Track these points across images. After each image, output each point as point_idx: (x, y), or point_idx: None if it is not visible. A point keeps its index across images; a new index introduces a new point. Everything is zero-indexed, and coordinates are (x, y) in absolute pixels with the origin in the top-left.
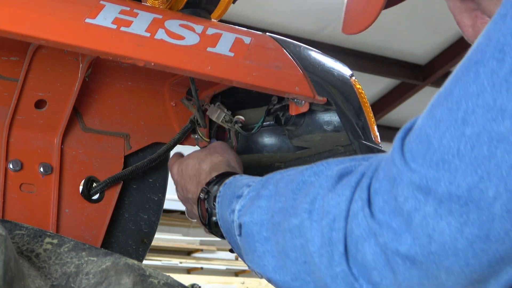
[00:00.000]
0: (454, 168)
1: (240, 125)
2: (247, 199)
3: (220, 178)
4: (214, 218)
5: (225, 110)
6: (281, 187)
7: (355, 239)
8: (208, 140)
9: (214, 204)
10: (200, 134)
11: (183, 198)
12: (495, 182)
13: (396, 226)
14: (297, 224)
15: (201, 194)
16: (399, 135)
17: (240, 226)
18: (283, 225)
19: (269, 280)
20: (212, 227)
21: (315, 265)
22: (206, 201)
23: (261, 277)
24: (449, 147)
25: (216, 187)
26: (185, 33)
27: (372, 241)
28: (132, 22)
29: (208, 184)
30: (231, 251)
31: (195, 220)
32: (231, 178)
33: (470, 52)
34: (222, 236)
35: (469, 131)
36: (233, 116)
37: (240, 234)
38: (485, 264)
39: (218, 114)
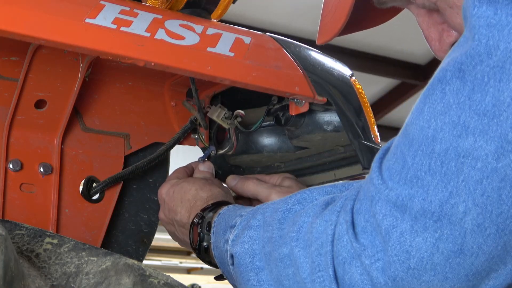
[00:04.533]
0: (427, 185)
1: (240, 119)
2: (239, 229)
3: (216, 206)
4: (204, 244)
5: (226, 109)
6: (268, 216)
7: (342, 261)
8: (207, 144)
9: (206, 230)
10: (200, 134)
11: (167, 219)
12: (464, 197)
13: (378, 245)
14: (287, 253)
15: (195, 219)
16: (377, 155)
17: (232, 256)
18: (274, 254)
19: None
20: (202, 252)
21: None
22: (199, 226)
23: None
24: (422, 164)
25: (211, 214)
26: (185, 33)
27: (358, 262)
28: (132, 22)
29: (203, 210)
30: (217, 278)
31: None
32: (225, 208)
33: (436, 72)
34: (209, 263)
35: (438, 148)
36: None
37: (232, 264)
38: (463, 277)
39: (218, 113)
